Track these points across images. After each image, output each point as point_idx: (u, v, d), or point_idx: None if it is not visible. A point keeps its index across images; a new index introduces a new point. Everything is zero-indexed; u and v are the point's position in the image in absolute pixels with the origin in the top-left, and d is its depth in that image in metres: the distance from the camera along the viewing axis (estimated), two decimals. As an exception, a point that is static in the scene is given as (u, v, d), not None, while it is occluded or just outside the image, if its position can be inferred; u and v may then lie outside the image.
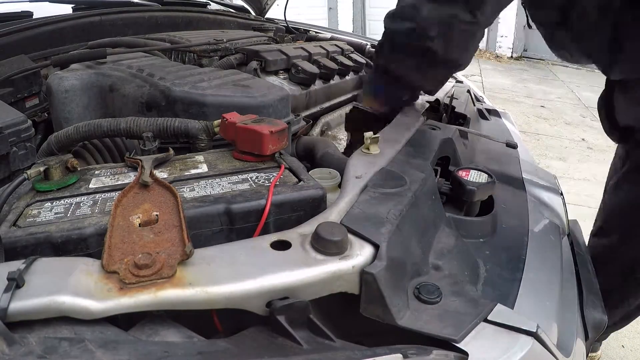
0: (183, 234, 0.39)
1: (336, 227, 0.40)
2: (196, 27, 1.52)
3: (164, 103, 0.73)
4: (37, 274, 0.34)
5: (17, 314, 0.31)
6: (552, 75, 5.90)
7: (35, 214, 0.45)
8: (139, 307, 0.33)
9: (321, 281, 0.37)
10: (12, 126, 0.58)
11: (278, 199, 0.47)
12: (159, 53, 1.04)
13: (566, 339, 0.52)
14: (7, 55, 0.92)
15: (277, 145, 0.57)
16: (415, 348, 0.35)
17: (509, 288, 0.52)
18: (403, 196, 0.48)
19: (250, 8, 2.03)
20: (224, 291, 0.34)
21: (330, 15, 5.64)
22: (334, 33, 1.80)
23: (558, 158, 3.22)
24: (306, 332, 0.35)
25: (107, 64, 0.83)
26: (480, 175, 0.63)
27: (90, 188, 0.50)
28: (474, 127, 1.00)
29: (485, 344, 0.36)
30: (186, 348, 0.32)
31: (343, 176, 0.54)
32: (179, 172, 0.54)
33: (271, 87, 0.79)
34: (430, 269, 0.46)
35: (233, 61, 1.05)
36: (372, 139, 0.59)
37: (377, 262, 0.38)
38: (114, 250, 0.37)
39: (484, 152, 0.92)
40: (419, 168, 0.56)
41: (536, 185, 0.85)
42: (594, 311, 0.65)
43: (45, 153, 0.66)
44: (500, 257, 0.58)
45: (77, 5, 1.55)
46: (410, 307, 0.39)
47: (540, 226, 0.69)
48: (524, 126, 3.84)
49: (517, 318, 0.38)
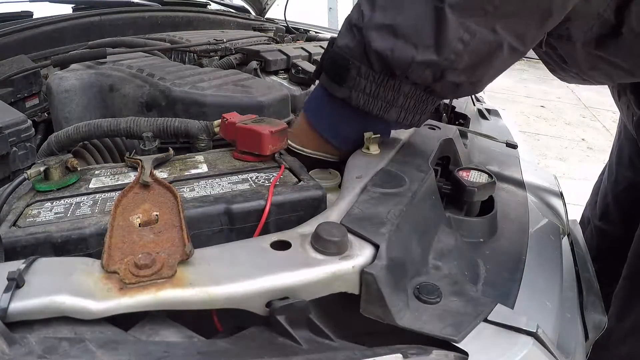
0: (183, 234, 0.39)
1: (336, 227, 0.40)
2: (196, 27, 1.52)
3: (164, 103, 0.73)
4: (37, 274, 0.34)
5: (17, 314, 0.31)
6: (552, 75, 5.89)
7: (35, 214, 0.45)
8: (139, 307, 0.33)
9: (321, 281, 0.37)
10: (12, 126, 0.58)
11: (278, 199, 0.47)
12: (159, 53, 1.04)
13: (566, 339, 0.53)
14: (7, 55, 0.92)
15: (277, 145, 0.57)
16: (415, 348, 0.35)
17: (509, 288, 0.52)
18: (403, 196, 0.48)
19: (250, 8, 2.03)
20: (224, 291, 0.34)
21: (330, 15, 5.63)
22: (334, 33, 1.80)
23: (558, 158, 3.22)
24: (306, 332, 0.35)
25: (107, 64, 0.83)
26: (481, 175, 0.64)
27: (90, 188, 0.50)
28: (474, 127, 1.00)
29: (485, 344, 0.36)
30: (186, 348, 0.32)
31: (343, 176, 0.54)
32: (179, 172, 0.54)
33: (271, 87, 0.80)
34: (430, 269, 0.46)
35: (233, 61, 1.06)
36: (372, 139, 0.59)
37: (377, 262, 0.38)
38: (114, 250, 0.37)
39: (484, 152, 0.92)
40: (419, 168, 0.56)
41: (536, 186, 0.85)
42: (594, 312, 0.65)
43: (45, 153, 0.66)
44: (500, 257, 0.58)
45: (77, 5, 1.55)
46: (410, 307, 0.39)
47: (540, 226, 0.69)
48: (523, 126, 3.84)
49: (517, 318, 0.38)
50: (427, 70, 0.52)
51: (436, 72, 0.52)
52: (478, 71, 0.53)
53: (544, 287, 0.55)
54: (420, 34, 0.50)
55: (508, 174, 0.85)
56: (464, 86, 0.55)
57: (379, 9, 0.51)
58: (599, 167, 1.28)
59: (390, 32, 0.51)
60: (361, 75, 0.54)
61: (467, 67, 0.52)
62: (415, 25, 0.50)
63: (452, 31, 0.49)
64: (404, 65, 0.52)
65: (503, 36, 0.50)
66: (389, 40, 0.51)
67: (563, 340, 0.51)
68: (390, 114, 0.57)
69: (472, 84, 0.55)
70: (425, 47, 0.50)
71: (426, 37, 0.50)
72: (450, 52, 0.50)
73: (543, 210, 0.76)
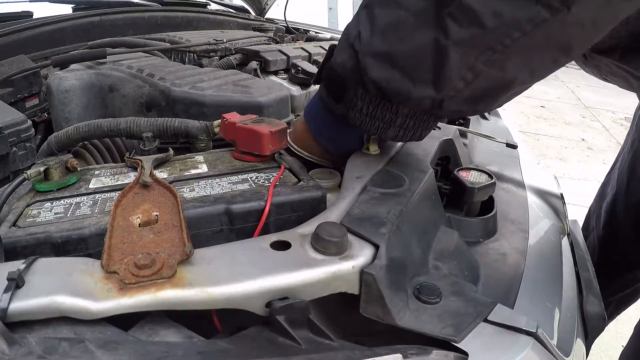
0: (183, 234, 0.39)
1: (336, 227, 0.40)
2: (196, 27, 1.52)
3: (164, 103, 0.73)
4: (37, 274, 0.34)
5: (17, 314, 0.31)
6: (552, 75, 5.89)
7: (35, 214, 0.45)
8: (139, 307, 0.33)
9: (321, 281, 0.37)
10: (12, 126, 0.58)
11: (278, 199, 0.47)
12: (159, 53, 1.04)
13: (566, 339, 0.53)
14: (7, 55, 0.92)
15: (277, 145, 0.57)
16: (415, 348, 0.35)
17: (509, 288, 0.52)
18: (403, 196, 0.48)
19: (250, 8, 2.03)
20: (224, 291, 0.34)
21: (330, 15, 5.63)
22: (334, 33, 1.80)
23: (558, 158, 3.22)
24: (306, 332, 0.35)
25: (107, 64, 0.83)
26: (481, 175, 0.64)
27: (90, 188, 0.50)
28: (474, 127, 1.00)
29: (485, 344, 0.36)
30: (186, 348, 0.32)
31: (343, 176, 0.54)
32: (179, 172, 0.54)
33: (271, 87, 0.80)
34: (430, 269, 0.46)
35: (233, 61, 1.05)
36: (372, 138, 0.59)
37: (377, 262, 0.38)
38: (114, 251, 0.37)
39: (484, 152, 0.92)
40: (419, 168, 0.56)
41: (536, 186, 0.85)
42: (594, 312, 0.65)
43: (45, 153, 0.66)
44: (500, 257, 0.58)
45: (77, 5, 1.55)
46: (410, 307, 0.39)
47: (540, 226, 0.69)
48: (524, 126, 3.84)
49: (517, 318, 0.38)
50: (425, 101, 0.48)
51: (435, 103, 0.48)
52: (481, 104, 0.49)
53: (544, 287, 0.55)
54: (418, 67, 0.45)
55: (508, 174, 0.85)
56: (466, 112, 0.52)
57: (378, 34, 0.47)
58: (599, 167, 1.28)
59: (388, 62, 0.47)
60: (357, 96, 0.51)
61: (468, 99, 0.48)
62: (414, 57, 0.45)
63: (453, 69, 0.44)
64: (401, 98, 0.48)
65: (514, 74, 0.45)
66: (386, 70, 0.47)
67: (563, 340, 0.51)
68: (388, 134, 0.53)
69: (475, 110, 0.52)
70: (423, 82, 0.46)
71: (424, 72, 0.45)
72: (450, 90, 0.46)
73: (543, 210, 0.76)
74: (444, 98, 0.47)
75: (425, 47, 0.44)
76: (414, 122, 0.52)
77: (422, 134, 0.55)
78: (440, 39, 0.43)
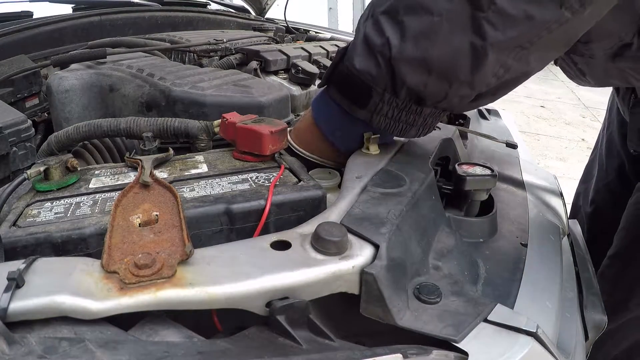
0: (183, 234, 0.39)
1: (336, 227, 0.40)
2: (196, 27, 1.52)
3: (164, 103, 0.73)
4: (37, 274, 0.34)
5: (17, 314, 0.31)
6: (552, 75, 5.90)
7: (35, 214, 0.45)
8: (139, 307, 0.33)
9: (321, 281, 0.37)
10: (12, 126, 0.58)
11: (278, 199, 0.47)
12: (159, 53, 1.04)
13: (566, 339, 0.52)
14: (7, 55, 0.92)
15: (277, 145, 0.57)
16: (415, 348, 0.35)
17: (509, 288, 0.52)
18: (403, 196, 0.48)
19: (250, 8, 2.03)
20: (224, 291, 0.34)
21: (330, 15, 5.63)
22: (334, 33, 1.80)
23: (558, 158, 3.22)
24: (306, 332, 0.35)
25: (107, 64, 0.83)
26: (484, 170, 0.63)
27: (90, 188, 0.50)
28: (473, 127, 1.00)
29: (485, 344, 0.36)
30: (186, 348, 0.32)
31: (343, 176, 0.54)
32: (179, 172, 0.54)
33: (271, 87, 0.80)
34: (430, 269, 0.46)
35: (233, 61, 1.05)
36: (372, 138, 0.59)
37: (377, 262, 0.38)
38: (114, 250, 0.37)
39: (484, 152, 0.92)
40: (419, 168, 0.56)
41: (536, 186, 0.85)
42: (593, 311, 0.65)
43: (45, 153, 0.67)
44: (500, 257, 0.58)
45: (77, 5, 1.55)
46: (410, 307, 0.39)
47: (540, 226, 0.69)
48: (523, 126, 3.84)
49: (517, 318, 0.38)
50: (458, 99, 0.52)
51: (465, 101, 0.53)
52: (499, 94, 0.55)
53: (544, 287, 0.55)
54: (455, 70, 0.48)
55: (508, 174, 0.85)
56: (486, 104, 0.58)
57: (411, 40, 0.48)
58: (599, 167, 1.32)
59: (423, 67, 0.49)
60: (384, 101, 0.53)
61: (491, 92, 0.53)
62: (450, 61, 0.48)
63: (489, 68, 0.48)
64: (437, 99, 0.52)
65: (534, 66, 0.51)
66: (422, 76, 0.49)
67: (563, 340, 0.51)
68: (410, 133, 0.57)
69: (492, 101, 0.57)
70: (460, 83, 0.49)
71: (462, 74, 0.48)
72: (482, 86, 0.51)
73: (543, 210, 0.76)
74: (477, 94, 0.52)
75: (461, 50, 0.47)
76: (433, 119, 0.57)
77: (431, 129, 0.60)
78: (476, 42, 0.46)
